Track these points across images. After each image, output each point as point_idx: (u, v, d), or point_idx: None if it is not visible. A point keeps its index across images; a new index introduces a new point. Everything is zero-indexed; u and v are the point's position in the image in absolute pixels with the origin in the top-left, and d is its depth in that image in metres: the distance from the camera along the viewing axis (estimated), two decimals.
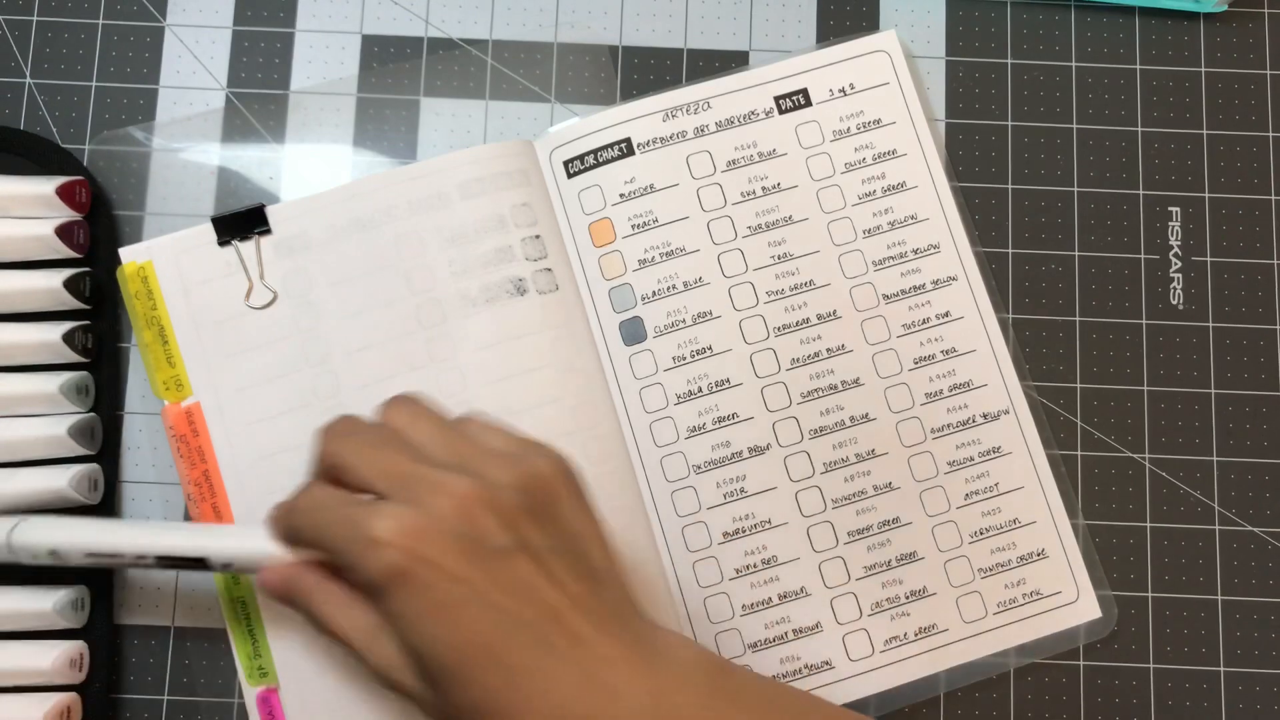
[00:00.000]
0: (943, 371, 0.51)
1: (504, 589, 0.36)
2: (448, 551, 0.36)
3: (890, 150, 0.53)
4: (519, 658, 0.36)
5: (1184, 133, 0.54)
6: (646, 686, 0.36)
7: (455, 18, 0.54)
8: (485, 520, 0.37)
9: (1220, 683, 0.50)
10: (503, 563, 0.37)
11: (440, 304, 0.50)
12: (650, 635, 0.38)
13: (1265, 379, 0.52)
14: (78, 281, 0.49)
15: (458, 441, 0.41)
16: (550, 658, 0.36)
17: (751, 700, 0.37)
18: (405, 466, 0.39)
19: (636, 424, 0.51)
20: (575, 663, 0.36)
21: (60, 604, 0.47)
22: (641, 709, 0.36)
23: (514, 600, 0.36)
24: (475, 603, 0.36)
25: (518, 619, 0.36)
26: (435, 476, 0.38)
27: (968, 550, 0.50)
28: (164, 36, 0.54)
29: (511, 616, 0.36)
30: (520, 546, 0.37)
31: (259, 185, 0.53)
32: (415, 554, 0.36)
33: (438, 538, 0.36)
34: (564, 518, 0.39)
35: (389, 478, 0.39)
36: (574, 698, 0.36)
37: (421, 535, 0.36)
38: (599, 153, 0.52)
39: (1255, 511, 0.51)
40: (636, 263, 0.51)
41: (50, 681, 0.47)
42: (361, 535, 0.37)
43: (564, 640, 0.36)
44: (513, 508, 0.38)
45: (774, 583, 0.50)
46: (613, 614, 0.38)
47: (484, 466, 0.39)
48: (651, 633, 0.38)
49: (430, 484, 0.38)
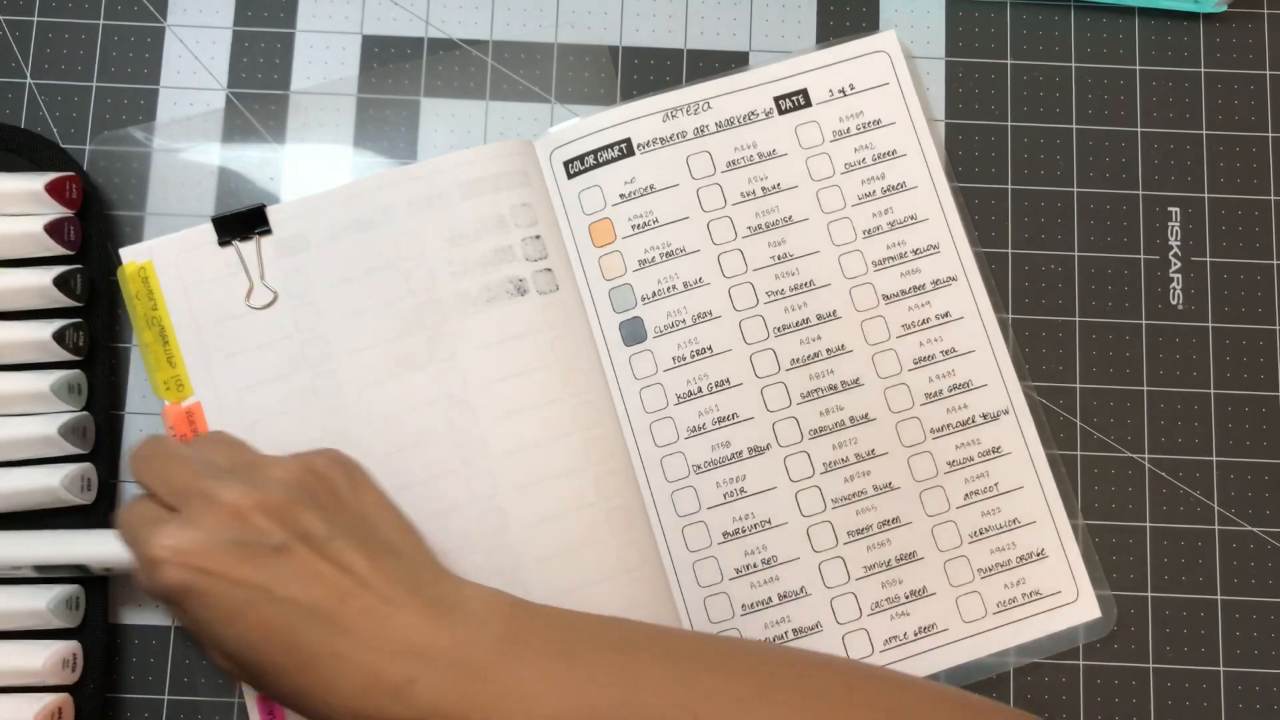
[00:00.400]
0: (942, 372, 0.51)
1: (287, 583, 0.38)
2: (226, 559, 0.38)
3: (890, 150, 0.53)
4: (314, 644, 0.37)
5: (1184, 133, 0.54)
6: (443, 647, 0.37)
7: (455, 18, 0.54)
8: (259, 521, 0.39)
9: (1220, 683, 0.50)
10: (282, 558, 0.38)
11: (440, 304, 0.50)
12: (450, 594, 0.40)
13: (1265, 379, 0.52)
14: (69, 279, 0.49)
15: (243, 454, 0.43)
16: (345, 637, 0.37)
17: (548, 636, 0.39)
18: (186, 480, 0.41)
19: (636, 424, 0.51)
20: (371, 636, 0.37)
21: (54, 603, 0.47)
22: (438, 671, 0.37)
23: (299, 591, 0.38)
24: (261, 602, 0.38)
25: (306, 608, 0.38)
26: (210, 488, 0.40)
27: (967, 550, 0.50)
28: (164, 37, 0.54)
29: (299, 607, 0.38)
30: (299, 538, 0.39)
31: (259, 185, 0.53)
32: (194, 568, 0.38)
33: (214, 548, 0.38)
34: (343, 501, 0.41)
35: (175, 492, 0.41)
36: (376, 669, 0.37)
37: (201, 548, 0.38)
38: (599, 153, 0.52)
39: (1255, 511, 0.51)
40: (636, 263, 0.51)
41: (43, 682, 0.47)
42: (143, 556, 0.39)
43: (356, 618, 0.38)
44: (286, 503, 0.39)
45: (774, 582, 0.50)
46: (406, 582, 0.39)
47: (263, 469, 0.41)
48: (454, 591, 0.40)
49: (206, 496, 0.40)
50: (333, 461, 0.43)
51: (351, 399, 0.49)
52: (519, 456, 0.49)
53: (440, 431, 0.49)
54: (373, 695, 0.37)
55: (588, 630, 0.40)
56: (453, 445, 0.49)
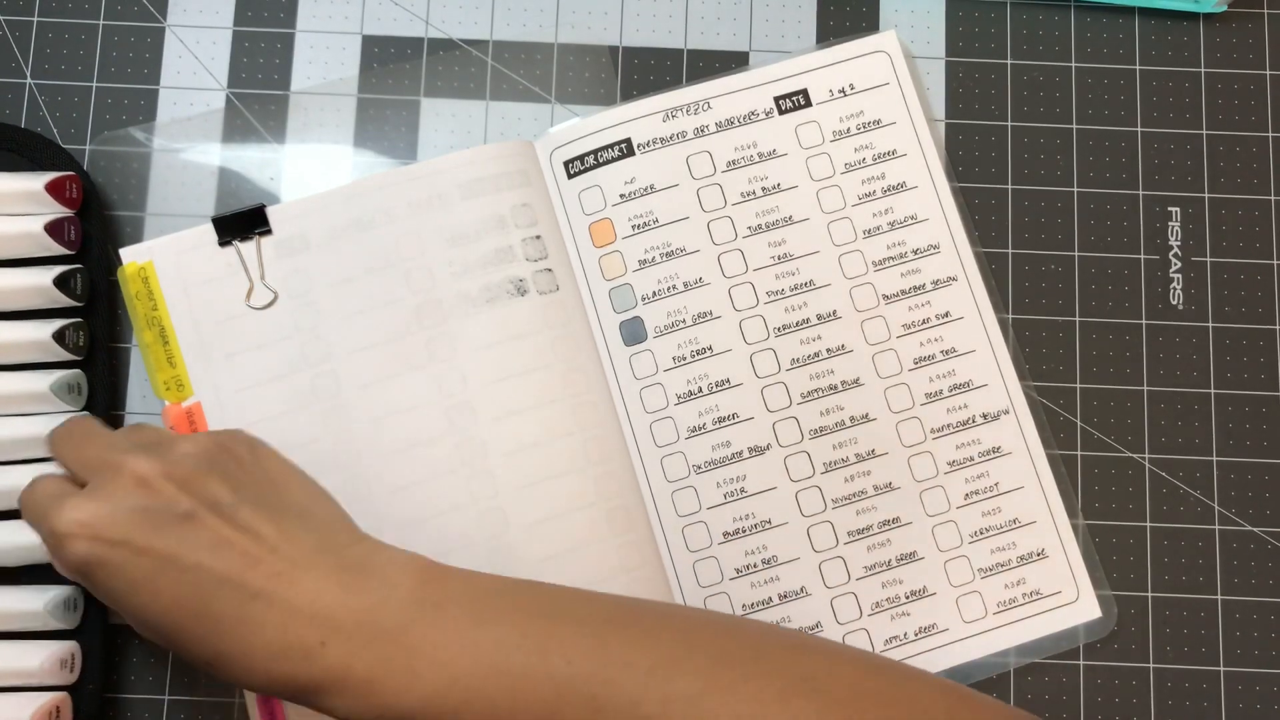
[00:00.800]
0: (943, 372, 0.51)
1: (195, 550, 0.38)
2: (132, 528, 0.38)
3: (890, 150, 0.53)
4: (223, 610, 0.37)
5: (1184, 133, 0.54)
6: (354, 610, 0.37)
7: (455, 18, 0.54)
8: (165, 490, 0.39)
9: (1220, 683, 0.50)
10: (190, 526, 0.38)
11: (440, 304, 0.50)
12: (363, 557, 0.39)
13: (1265, 379, 0.52)
14: (69, 279, 0.49)
15: (157, 436, 0.43)
16: (255, 602, 0.37)
17: (461, 598, 0.39)
18: (95, 454, 0.41)
19: (637, 424, 0.51)
20: (280, 603, 0.37)
21: (51, 604, 0.47)
22: (349, 634, 0.37)
23: (208, 558, 0.38)
24: (170, 571, 0.38)
25: (215, 575, 0.38)
26: (118, 459, 0.40)
27: (968, 550, 0.50)
28: (164, 37, 0.54)
29: (208, 574, 0.38)
30: (206, 506, 0.39)
31: (259, 186, 0.53)
32: (100, 539, 0.38)
33: (122, 517, 0.38)
34: (251, 469, 0.41)
35: (84, 466, 0.41)
36: (287, 632, 0.37)
37: (106, 519, 0.38)
38: (599, 153, 0.52)
39: (1255, 511, 0.51)
40: (637, 263, 0.51)
41: (41, 682, 0.47)
42: (48, 532, 0.39)
43: (265, 582, 0.38)
44: (193, 472, 0.39)
45: (774, 583, 0.50)
46: (315, 545, 0.39)
47: (171, 443, 0.41)
48: (366, 554, 0.40)
49: (114, 467, 0.40)
50: (239, 436, 0.43)
51: (352, 399, 0.49)
52: (519, 456, 0.49)
53: (440, 431, 0.49)
54: (285, 658, 0.37)
55: (503, 594, 0.40)
56: (453, 445, 0.49)
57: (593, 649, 0.38)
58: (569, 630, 0.38)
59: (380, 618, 0.38)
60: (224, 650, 0.38)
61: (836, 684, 0.38)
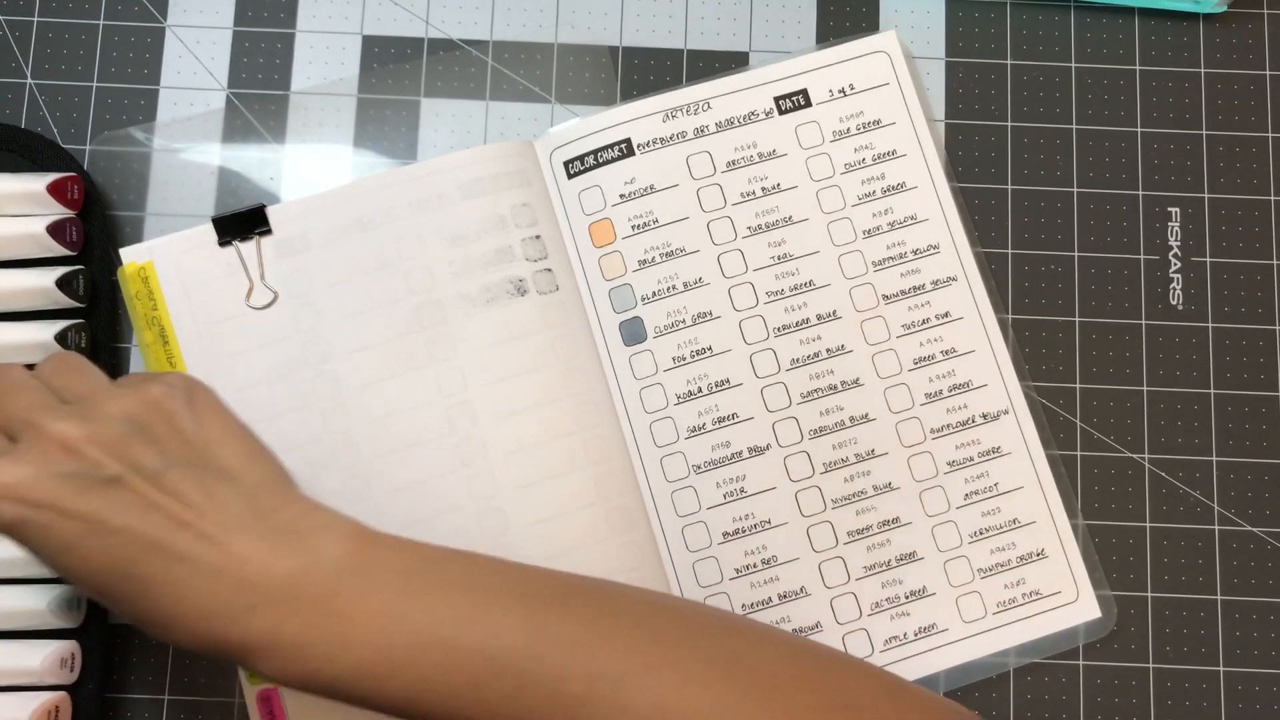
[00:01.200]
0: (942, 372, 0.51)
1: (122, 513, 0.38)
2: (59, 492, 0.38)
3: (890, 151, 0.53)
4: (151, 572, 0.38)
5: (1184, 133, 0.54)
6: (282, 574, 0.38)
7: (455, 18, 0.54)
8: (91, 453, 0.38)
9: (1220, 683, 0.50)
10: (115, 490, 0.38)
11: (440, 304, 0.50)
12: (294, 521, 0.39)
13: (1265, 379, 0.52)
14: (71, 280, 0.49)
15: (86, 383, 0.42)
16: (182, 566, 0.37)
17: (394, 567, 0.39)
18: (21, 411, 0.40)
19: (636, 424, 0.51)
20: (207, 566, 0.38)
21: (54, 603, 0.47)
22: (277, 598, 0.37)
23: (134, 521, 0.38)
24: (97, 533, 0.38)
25: (141, 538, 0.38)
26: (46, 421, 0.39)
27: (967, 550, 0.51)
28: (164, 37, 0.54)
29: (135, 537, 0.38)
30: (132, 470, 0.39)
31: (259, 186, 0.53)
32: (28, 501, 0.38)
33: (47, 481, 0.38)
34: (182, 431, 0.41)
35: (10, 422, 0.41)
36: (214, 596, 0.37)
37: (31, 483, 0.38)
38: (599, 153, 0.52)
39: (1255, 511, 0.51)
40: (636, 263, 0.51)
41: (41, 681, 0.47)
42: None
43: (191, 546, 0.38)
44: (120, 437, 0.39)
45: (774, 583, 0.50)
46: (245, 510, 0.39)
47: (100, 403, 0.41)
48: (298, 519, 0.39)
49: (38, 428, 0.39)
50: (172, 389, 0.42)
51: (351, 399, 0.49)
52: (519, 456, 0.49)
53: (440, 432, 0.49)
54: (213, 620, 0.37)
55: (435, 564, 0.40)
56: (453, 445, 0.49)
57: (521, 625, 0.38)
58: (499, 604, 0.38)
59: (308, 583, 0.38)
60: (154, 610, 0.38)
61: (762, 666, 0.39)
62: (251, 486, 0.40)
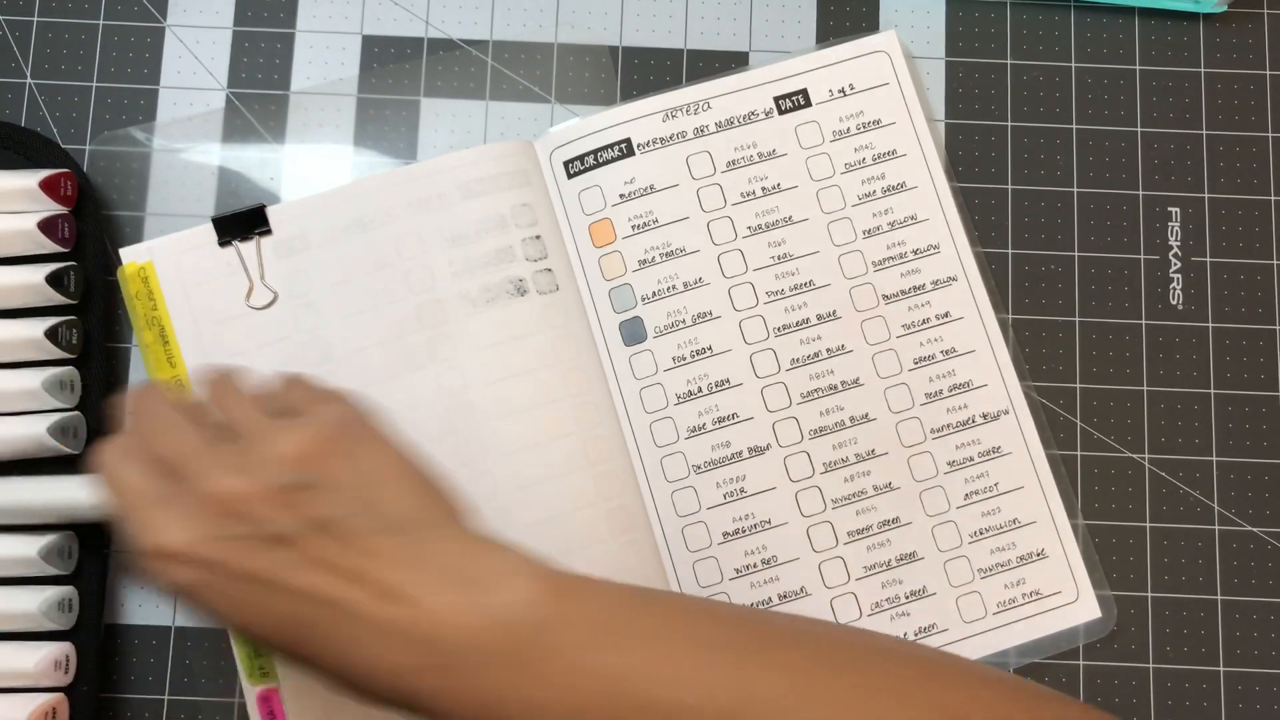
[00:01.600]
0: (942, 372, 0.51)
1: (295, 572, 0.36)
2: (231, 553, 0.36)
3: (890, 151, 0.53)
4: (329, 631, 0.36)
5: (1184, 133, 0.54)
6: (471, 629, 0.36)
7: (455, 18, 0.54)
8: (261, 511, 0.37)
9: (1220, 683, 0.50)
10: (287, 548, 0.37)
11: (441, 304, 0.50)
12: (480, 568, 0.37)
13: (1265, 379, 0.52)
14: (62, 276, 0.49)
15: (242, 412, 0.40)
16: (362, 624, 0.36)
17: (589, 621, 0.37)
18: (183, 459, 0.38)
19: (636, 424, 0.51)
20: (390, 624, 0.36)
21: (46, 605, 0.47)
22: (469, 656, 0.35)
23: (308, 580, 0.36)
24: (269, 593, 0.36)
25: (316, 597, 0.36)
26: (208, 475, 0.37)
27: (967, 550, 0.51)
28: (164, 37, 0.54)
29: (309, 596, 0.36)
30: (304, 525, 0.37)
31: (259, 185, 0.53)
32: (200, 562, 0.36)
33: (214, 543, 0.37)
34: (352, 472, 0.39)
35: (170, 464, 0.38)
36: (398, 655, 0.36)
37: (198, 545, 0.37)
38: (599, 153, 0.52)
39: (1255, 511, 0.51)
40: (637, 263, 0.51)
41: (36, 684, 0.47)
42: (144, 548, 0.37)
43: (372, 605, 0.36)
44: (287, 488, 0.37)
45: (774, 583, 0.50)
46: (428, 560, 0.37)
47: (261, 442, 0.38)
48: (483, 564, 0.37)
49: (202, 484, 0.37)
50: (339, 424, 0.40)
51: None
52: (519, 457, 0.49)
53: (441, 432, 0.49)
54: (400, 679, 0.36)
55: (630, 610, 0.38)
56: (453, 445, 0.49)
57: (726, 680, 0.36)
58: (701, 658, 0.36)
59: (499, 639, 0.36)
60: (336, 667, 0.36)
61: (987, 715, 0.36)
62: (428, 531, 0.38)
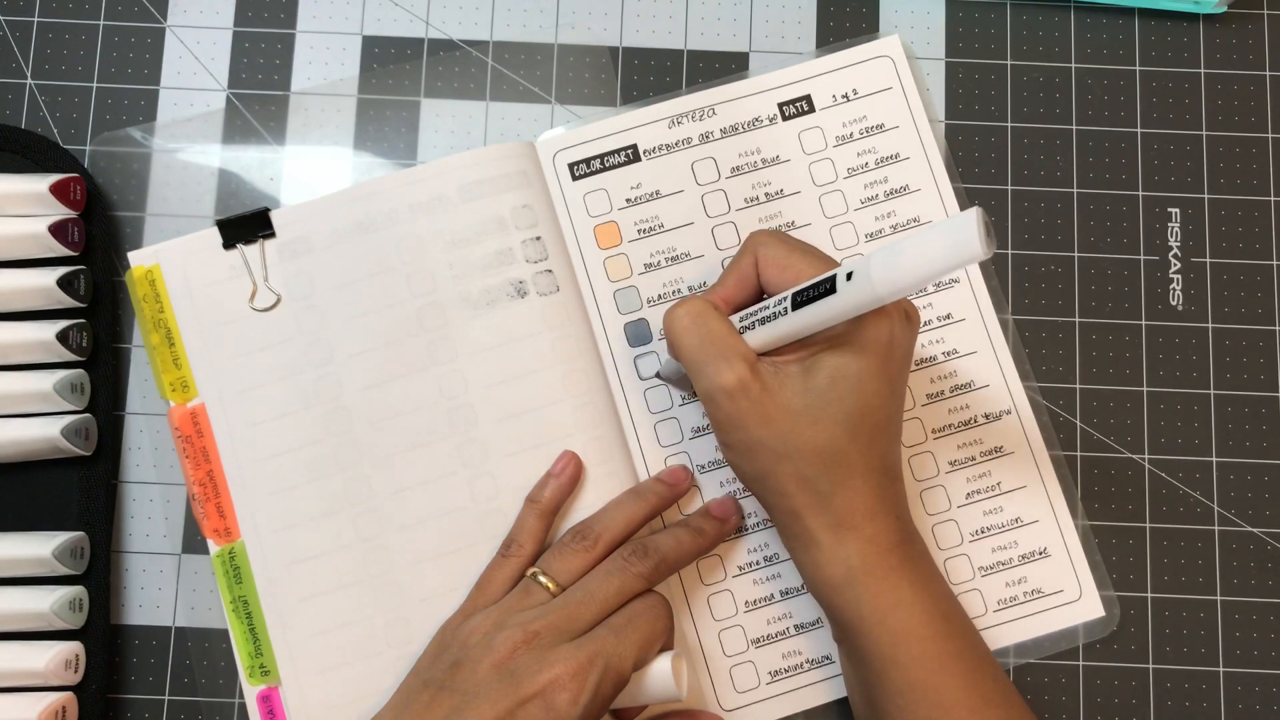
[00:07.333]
0: (944, 373, 0.52)
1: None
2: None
3: (893, 154, 0.53)
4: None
5: (1184, 134, 0.54)
6: (860, 555, 0.44)
7: (455, 19, 0.54)
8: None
9: (1220, 683, 0.50)
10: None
11: (441, 307, 0.50)
12: (864, 525, 0.44)
13: (1265, 379, 0.52)
14: (72, 280, 0.49)
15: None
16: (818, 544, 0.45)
17: (918, 567, 0.45)
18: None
19: (640, 425, 0.51)
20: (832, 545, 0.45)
21: (57, 605, 0.47)
22: (860, 571, 0.44)
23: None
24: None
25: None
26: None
27: (968, 549, 0.51)
28: (164, 37, 0.54)
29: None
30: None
31: (259, 186, 0.53)
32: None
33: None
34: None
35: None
36: (831, 568, 0.45)
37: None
38: (605, 157, 0.52)
39: (1255, 512, 0.52)
40: (642, 266, 0.51)
41: (46, 682, 0.47)
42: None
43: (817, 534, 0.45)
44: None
45: (776, 579, 0.50)
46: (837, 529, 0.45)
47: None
48: (866, 522, 0.44)
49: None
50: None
51: (353, 401, 0.49)
52: (520, 458, 0.49)
53: (442, 433, 0.49)
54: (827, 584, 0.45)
55: (936, 577, 0.46)
56: (454, 447, 0.49)
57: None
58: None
59: (875, 563, 0.44)
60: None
61: None
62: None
